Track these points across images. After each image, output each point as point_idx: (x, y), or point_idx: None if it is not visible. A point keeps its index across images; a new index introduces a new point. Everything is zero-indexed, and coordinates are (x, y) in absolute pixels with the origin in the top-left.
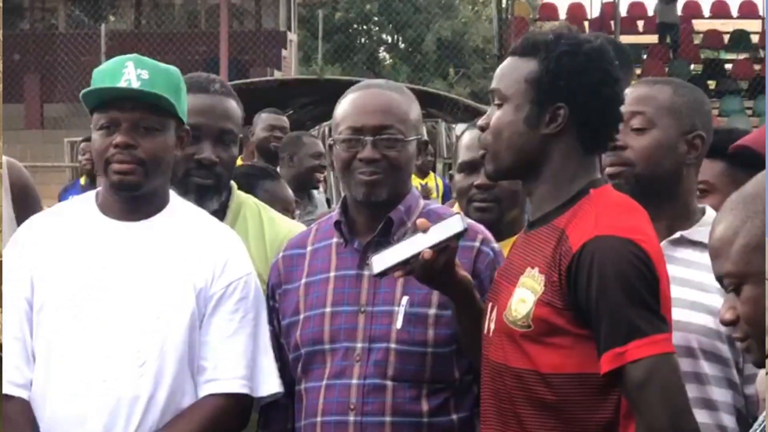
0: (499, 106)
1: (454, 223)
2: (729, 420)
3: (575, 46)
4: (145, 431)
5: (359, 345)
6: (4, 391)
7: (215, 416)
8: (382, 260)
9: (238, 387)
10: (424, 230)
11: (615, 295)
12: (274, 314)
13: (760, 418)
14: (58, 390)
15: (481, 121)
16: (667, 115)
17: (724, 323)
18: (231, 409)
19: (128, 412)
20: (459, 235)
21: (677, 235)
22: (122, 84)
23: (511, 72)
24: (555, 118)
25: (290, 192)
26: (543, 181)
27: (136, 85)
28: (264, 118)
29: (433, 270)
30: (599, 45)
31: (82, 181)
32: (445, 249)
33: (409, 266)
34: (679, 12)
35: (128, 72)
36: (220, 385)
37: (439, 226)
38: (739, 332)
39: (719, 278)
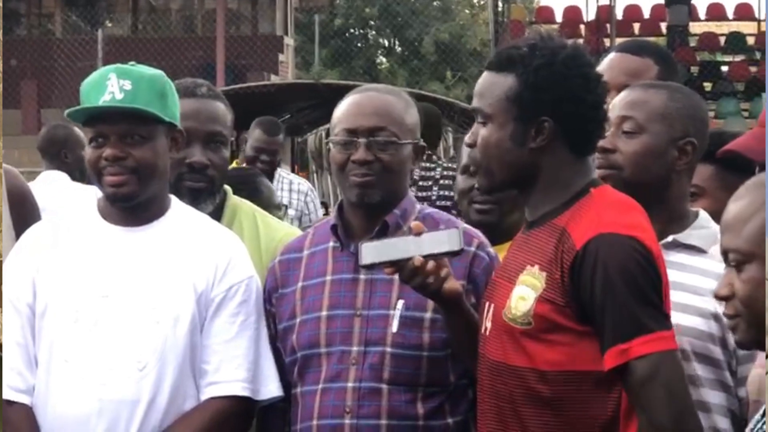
0: (483, 124)
1: (452, 239)
2: (723, 422)
3: (551, 56)
4: None
5: (355, 348)
6: (6, 396)
7: (217, 419)
8: (372, 252)
9: (239, 390)
10: (418, 234)
11: (620, 291)
12: (270, 318)
13: (753, 421)
14: (59, 394)
15: (467, 139)
16: (659, 120)
17: (718, 298)
18: (233, 412)
19: (129, 415)
20: (454, 254)
21: (670, 238)
22: (106, 98)
23: (490, 90)
24: (541, 131)
25: (275, 195)
26: (538, 189)
27: (119, 97)
28: (256, 137)
29: (421, 277)
30: (574, 50)
31: None
32: (437, 259)
33: (398, 267)
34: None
35: (111, 84)
36: (222, 388)
37: (436, 234)
38: (730, 309)
39: (725, 252)
